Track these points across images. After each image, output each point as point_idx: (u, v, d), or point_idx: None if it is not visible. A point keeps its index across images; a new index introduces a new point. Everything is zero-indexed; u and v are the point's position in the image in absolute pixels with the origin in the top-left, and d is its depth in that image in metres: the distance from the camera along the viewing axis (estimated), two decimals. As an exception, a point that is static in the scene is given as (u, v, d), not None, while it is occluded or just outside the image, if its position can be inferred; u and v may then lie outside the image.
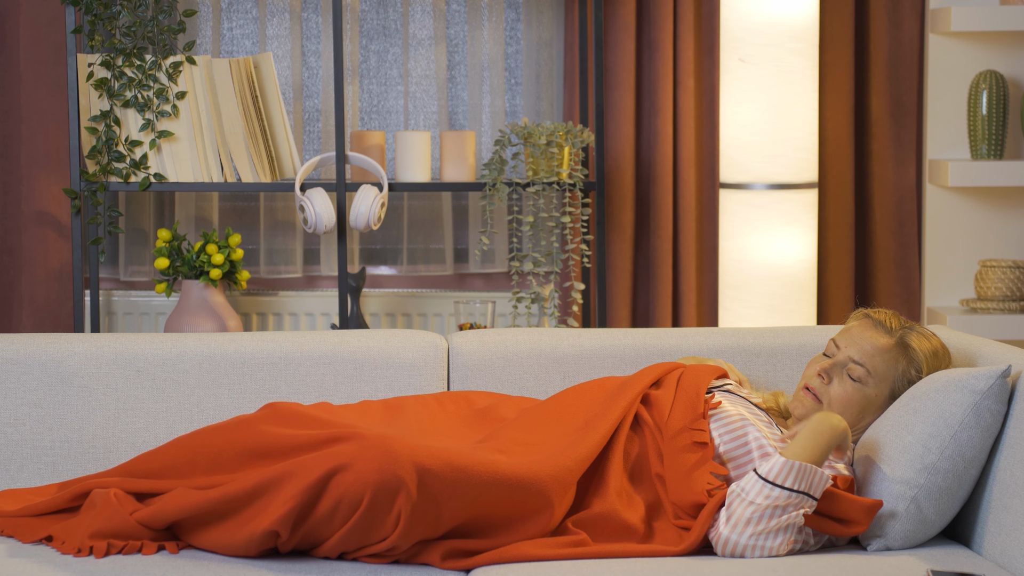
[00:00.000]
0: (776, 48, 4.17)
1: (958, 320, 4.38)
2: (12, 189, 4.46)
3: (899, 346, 2.92)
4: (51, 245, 4.47)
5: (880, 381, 2.91)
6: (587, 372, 3.26)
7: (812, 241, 4.27)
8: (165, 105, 4.15)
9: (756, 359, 3.27)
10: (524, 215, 4.53)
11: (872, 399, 2.90)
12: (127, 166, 4.16)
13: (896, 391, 2.91)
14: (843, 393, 2.90)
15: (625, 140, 4.50)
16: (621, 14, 4.48)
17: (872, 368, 2.90)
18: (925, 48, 4.58)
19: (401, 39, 4.62)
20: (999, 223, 4.58)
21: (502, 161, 4.20)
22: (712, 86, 4.55)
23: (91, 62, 4.14)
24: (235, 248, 4.25)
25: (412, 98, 4.63)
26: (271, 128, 4.24)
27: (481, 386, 3.25)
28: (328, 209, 4.13)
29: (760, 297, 4.21)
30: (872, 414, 2.92)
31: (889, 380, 2.91)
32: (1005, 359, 2.91)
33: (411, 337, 3.29)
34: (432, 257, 4.66)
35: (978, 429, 2.77)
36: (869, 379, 2.91)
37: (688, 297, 4.52)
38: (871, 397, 2.90)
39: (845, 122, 4.55)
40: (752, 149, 4.21)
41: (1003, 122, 4.45)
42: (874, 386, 2.91)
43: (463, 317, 4.23)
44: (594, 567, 2.63)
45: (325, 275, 4.66)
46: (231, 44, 4.62)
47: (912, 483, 2.76)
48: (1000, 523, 2.74)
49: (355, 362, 3.25)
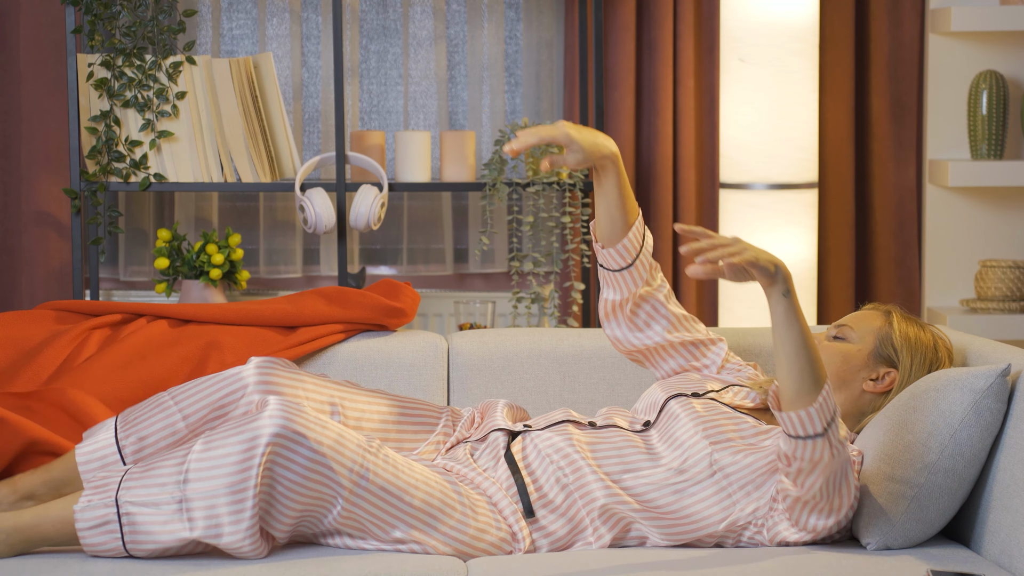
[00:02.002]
0: (776, 48, 4.17)
1: (958, 320, 4.38)
2: (12, 189, 4.46)
3: (884, 313, 2.99)
4: (51, 245, 4.47)
5: (863, 335, 2.93)
6: (587, 372, 3.25)
7: (812, 241, 4.27)
8: (165, 105, 4.15)
9: (756, 359, 3.27)
10: (524, 215, 4.53)
11: (855, 352, 2.92)
12: (127, 166, 4.16)
13: (880, 352, 2.92)
14: (826, 350, 2.94)
15: (625, 140, 4.50)
16: (621, 14, 4.48)
17: (853, 323, 2.96)
18: (925, 48, 4.58)
19: (401, 39, 4.62)
20: (999, 223, 4.58)
21: (502, 161, 4.20)
22: (712, 86, 4.55)
23: (91, 62, 4.14)
24: (235, 248, 4.25)
25: (412, 98, 4.63)
26: (271, 128, 4.24)
27: (481, 386, 3.25)
28: (328, 209, 4.13)
29: (760, 297, 4.21)
30: (859, 370, 2.92)
31: (872, 334, 2.93)
32: (1005, 358, 2.91)
33: (411, 337, 3.29)
34: (432, 257, 4.66)
35: (978, 428, 2.77)
36: (851, 333, 2.95)
37: (688, 297, 4.52)
38: (853, 350, 2.93)
39: (845, 122, 4.55)
40: (752, 149, 4.21)
41: (1003, 122, 4.45)
42: (857, 339, 2.93)
43: (463, 317, 4.23)
44: (594, 566, 2.62)
45: (325, 275, 4.66)
46: (231, 44, 4.62)
47: (912, 482, 2.76)
48: (1000, 523, 2.74)
49: (355, 362, 3.25)
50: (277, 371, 2.87)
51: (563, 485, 2.79)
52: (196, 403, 2.83)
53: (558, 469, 2.81)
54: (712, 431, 2.82)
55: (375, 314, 3.29)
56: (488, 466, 2.85)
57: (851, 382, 2.93)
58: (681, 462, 2.80)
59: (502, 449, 2.86)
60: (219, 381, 2.85)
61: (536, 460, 2.83)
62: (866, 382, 2.92)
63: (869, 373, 2.92)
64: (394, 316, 3.29)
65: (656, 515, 2.78)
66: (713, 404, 2.90)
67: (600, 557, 2.69)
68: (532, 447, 2.85)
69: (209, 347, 3.22)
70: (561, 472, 2.80)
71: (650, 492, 2.79)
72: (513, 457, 2.84)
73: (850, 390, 2.93)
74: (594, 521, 2.78)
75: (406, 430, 2.96)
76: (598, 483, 2.78)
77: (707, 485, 2.78)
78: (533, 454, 2.84)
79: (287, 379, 2.87)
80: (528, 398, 3.25)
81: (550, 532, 2.78)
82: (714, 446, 2.80)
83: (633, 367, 3.26)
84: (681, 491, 2.79)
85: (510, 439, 2.88)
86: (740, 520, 2.77)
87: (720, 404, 2.90)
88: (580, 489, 2.79)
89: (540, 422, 2.91)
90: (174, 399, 2.83)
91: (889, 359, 2.93)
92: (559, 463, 2.81)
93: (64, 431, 3.05)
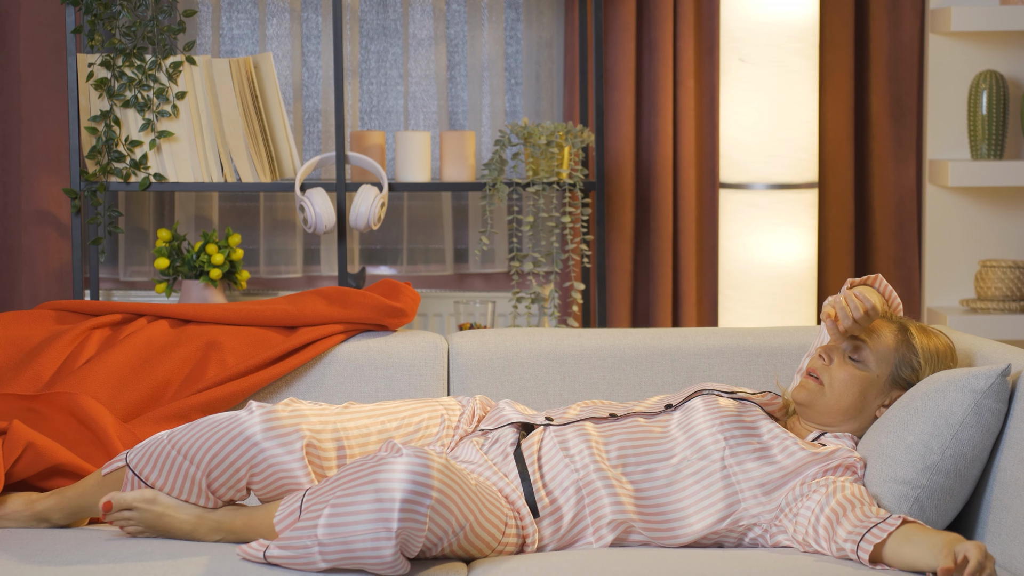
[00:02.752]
0: (776, 48, 4.17)
1: (958, 320, 4.38)
2: (12, 189, 4.46)
3: (899, 330, 2.93)
4: (51, 245, 4.47)
5: (880, 361, 2.91)
6: (587, 372, 3.25)
7: (812, 241, 4.27)
8: (165, 105, 4.15)
9: (756, 359, 3.27)
10: (524, 215, 4.53)
11: (873, 380, 2.90)
12: (127, 166, 4.16)
13: (897, 376, 2.91)
14: (844, 373, 2.91)
15: (625, 140, 4.50)
16: (621, 14, 4.48)
17: (872, 345, 2.91)
18: (925, 48, 4.58)
19: (401, 39, 4.62)
20: (999, 223, 4.58)
21: (502, 161, 4.20)
22: (712, 86, 4.55)
23: (91, 62, 4.14)
24: (235, 248, 4.25)
25: (412, 98, 4.63)
26: (271, 128, 4.24)
27: (481, 386, 3.25)
28: (328, 209, 4.13)
29: (760, 297, 4.21)
30: (875, 398, 2.91)
31: (889, 361, 2.91)
32: (1005, 358, 2.91)
33: (411, 337, 3.29)
34: (432, 257, 4.66)
35: (979, 428, 2.77)
36: (869, 358, 2.91)
37: (688, 297, 4.52)
38: (871, 378, 2.90)
39: (845, 122, 4.55)
40: (752, 149, 4.21)
41: (1003, 122, 4.45)
42: (875, 365, 2.91)
43: (463, 317, 4.23)
44: (594, 566, 2.62)
45: (325, 275, 4.66)
46: (231, 44, 4.62)
47: (914, 483, 2.76)
48: (1000, 523, 2.74)
49: (355, 362, 3.25)
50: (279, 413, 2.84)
51: (574, 495, 2.79)
52: (204, 453, 2.80)
53: (572, 473, 2.80)
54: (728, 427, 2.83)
55: (375, 314, 3.29)
56: (497, 460, 2.85)
57: (866, 410, 2.93)
58: (694, 452, 2.82)
59: (511, 446, 2.86)
60: (223, 432, 2.80)
61: (550, 463, 2.83)
62: (879, 408, 2.92)
63: (883, 400, 2.92)
64: (394, 316, 3.29)
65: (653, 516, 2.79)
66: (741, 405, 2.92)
67: (600, 557, 2.69)
68: (550, 446, 2.84)
69: (209, 347, 3.22)
70: (574, 485, 2.80)
71: (651, 488, 2.80)
72: (522, 455, 2.84)
73: (864, 418, 2.93)
74: (599, 530, 2.79)
75: (413, 439, 2.96)
76: (610, 498, 2.79)
77: (716, 479, 2.79)
78: (548, 455, 2.83)
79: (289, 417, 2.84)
80: (528, 398, 3.25)
81: (554, 532, 2.78)
82: (728, 442, 2.81)
83: (632, 367, 3.25)
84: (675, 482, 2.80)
85: (520, 436, 2.88)
86: (743, 520, 2.78)
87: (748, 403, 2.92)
88: (592, 504, 2.79)
89: (559, 418, 2.92)
90: (183, 454, 2.79)
91: (904, 383, 2.92)
92: (574, 476, 2.80)
93: (74, 436, 3.05)
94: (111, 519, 2.75)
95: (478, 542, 2.67)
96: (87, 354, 3.22)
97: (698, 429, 2.86)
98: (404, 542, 2.53)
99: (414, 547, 2.56)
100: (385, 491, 2.51)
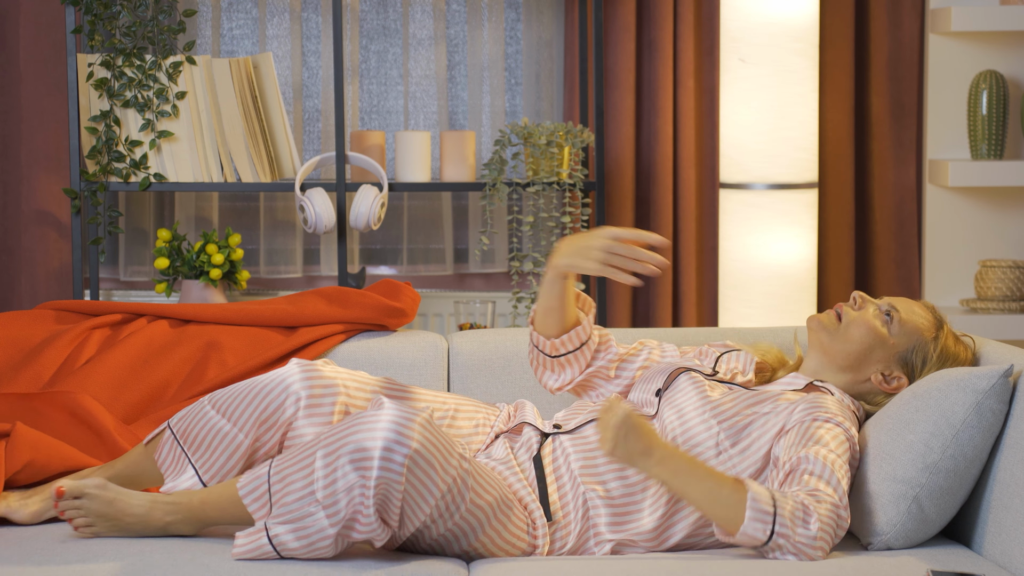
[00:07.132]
0: (776, 48, 4.17)
1: (958, 320, 4.38)
2: (12, 189, 4.46)
3: (936, 323, 2.95)
4: (51, 245, 4.47)
5: (903, 333, 2.91)
6: (587, 372, 3.25)
7: (812, 241, 4.27)
8: (165, 105, 4.15)
9: (756, 359, 3.27)
10: (524, 215, 4.53)
11: (886, 343, 2.90)
12: (127, 166, 4.16)
13: (908, 356, 2.91)
14: (866, 320, 2.91)
15: (625, 140, 4.50)
16: (621, 14, 4.48)
17: (906, 318, 2.92)
18: (925, 48, 4.58)
19: (401, 39, 4.62)
20: (999, 223, 4.58)
21: (502, 161, 4.20)
22: (712, 86, 4.55)
23: (91, 62, 4.14)
24: (235, 248, 4.25)
25: (412, 98, 4.63)
26: (271, 128, 4.24)
27: (481, 386, 3.25)
28: (328, 209, 4.13)
29: (760, 297, 4.21)
30: (878, 361, 2.91)
31: (911, 338, 2.91)
32: (1006, 359, 2.91)
33: (411, 337, 3.29)
34: (432, 257, 4.66)
35: (980, 428, 2.77)
36: (896, 324, 2.91)
37: (688, 297, 4.52)
38: (886, 341, 2.91)
39: (845, 122, 4.55)
40: (752, 149, 4.21)
41: (1003, 122, 4.45)
42: (896, 333, 2.91)
43: (463, 317, 4.23)
44: (595, 567, 2.63)
45: (325, 275, 4.66)
46: (231, 44, 4.62)
47: (914, 482, 2.76)
48: (1000, 523, 2.74)
49: (355, 362, 3.25)
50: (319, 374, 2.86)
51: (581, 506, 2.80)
52: (246, 417, 2.82)
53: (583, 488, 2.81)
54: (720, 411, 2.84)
55: (375, 314, 3.29)
56: (523, 460, 2.85)
57: (864, 367, 2.92)
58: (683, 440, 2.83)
59: (535, 449, 2.86)
60: (265, 391, 2.83)
61: (565, 473, 2.83)
62: (876, 375, 2.92)
63: (883, 368, 2.92)
64: (394, 316, 3.29)
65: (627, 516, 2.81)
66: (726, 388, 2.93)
67: (601, 562, 2.69)
68: (562, 456, 2.84)
69: (209, 347, 3.22)
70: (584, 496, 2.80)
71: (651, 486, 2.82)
72: (542, 460, 2.84)
73: (858, 374, 2.93)
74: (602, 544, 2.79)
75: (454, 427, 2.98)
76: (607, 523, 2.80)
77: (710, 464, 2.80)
78: (563, 467, 2.83)
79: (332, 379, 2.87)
80: (528, 398, 3.25)
81: (561, 547, 2.79)
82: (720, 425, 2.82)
83: (633, 367, 3.26)
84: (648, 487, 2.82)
85: (542, 439, 2.89)
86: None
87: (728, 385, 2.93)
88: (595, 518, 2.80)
89: (568, 422, 2.91)
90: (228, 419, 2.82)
91: (911, 366, 2.92)
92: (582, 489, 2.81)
93: (74, 435, 3.05)
94: (62, 508, 2.74)
95: (478, 513, 2.67)
96: (87, 354, 3.22)
97: (689, 417, 2.87)
98: (383, 500, 2.53)
99: (393, 510, 2.55)
100: (361, 442, 2.53)
